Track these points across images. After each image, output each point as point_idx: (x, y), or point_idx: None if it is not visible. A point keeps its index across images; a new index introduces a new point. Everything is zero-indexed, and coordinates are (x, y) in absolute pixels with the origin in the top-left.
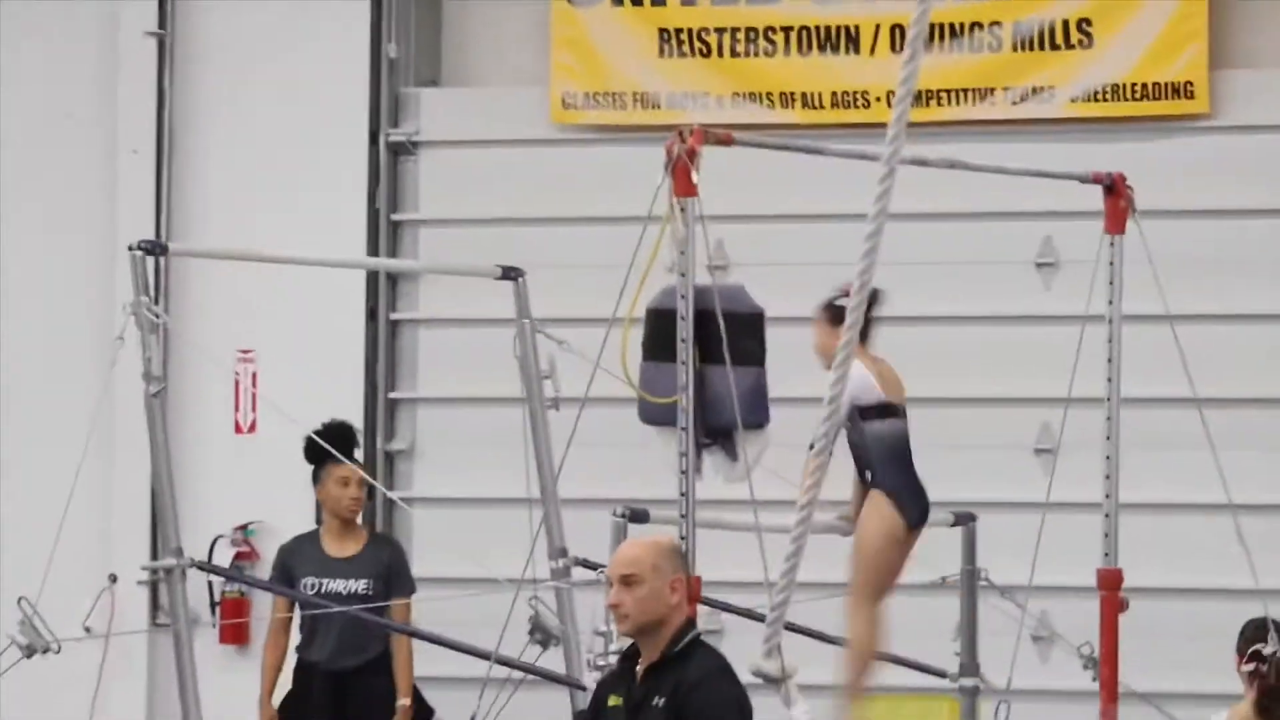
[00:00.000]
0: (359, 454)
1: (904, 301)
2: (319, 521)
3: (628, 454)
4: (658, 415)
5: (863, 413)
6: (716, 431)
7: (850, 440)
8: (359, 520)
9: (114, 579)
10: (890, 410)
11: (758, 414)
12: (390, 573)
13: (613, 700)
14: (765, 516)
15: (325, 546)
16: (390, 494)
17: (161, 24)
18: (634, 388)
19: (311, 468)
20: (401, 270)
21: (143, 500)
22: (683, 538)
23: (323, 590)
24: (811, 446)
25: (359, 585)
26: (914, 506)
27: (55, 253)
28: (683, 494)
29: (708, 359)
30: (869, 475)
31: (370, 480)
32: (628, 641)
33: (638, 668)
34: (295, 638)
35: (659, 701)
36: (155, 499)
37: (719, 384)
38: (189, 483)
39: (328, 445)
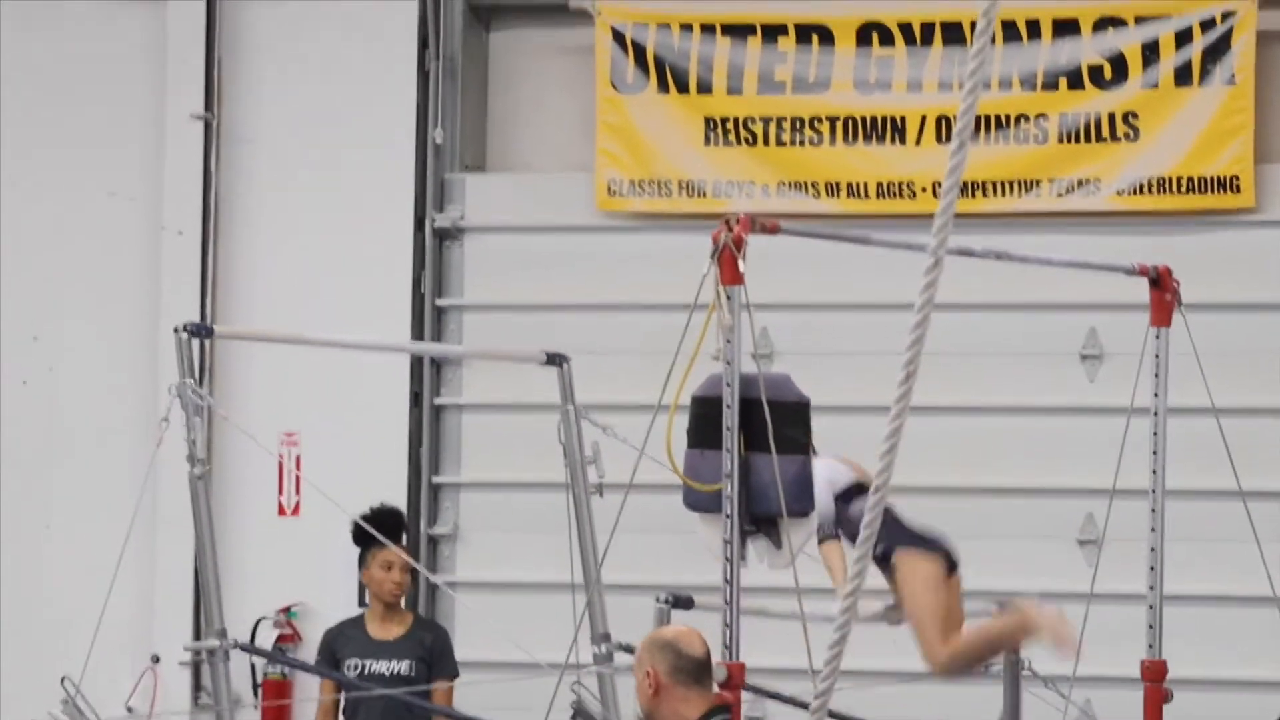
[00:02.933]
0: (405, 539)
1: (948, 392)
2: (363, 604)
3: (671, 540)
4: (702, 502)
5: (844, 497)
6: (761, 519)
7: (847, 535)
8: (403, 604)
9: (156, 659)
10: (864, 488)
11: (802, 502)
12: (433, 656)
13: None
14: (809, 604)
15: (369, 629)
16: (433, 578)
17: (208, 107)
18: (679, 474)
19: (359, 551)
20: (446, 355)
21: (186, 581)
22: (727, 625)
23: (366, 671)
24: (821, 539)
25: (401, 667)
26: (937, 548)
27: (100, 332)
28: (727, 580)
29: (752, 447)
30: (883, 553)
31: (413, 563)
32: None
33: None
34: None
35: None
36: (199, 579)
37: (763, 472)
38: (232, 564)
39: (372, 530)
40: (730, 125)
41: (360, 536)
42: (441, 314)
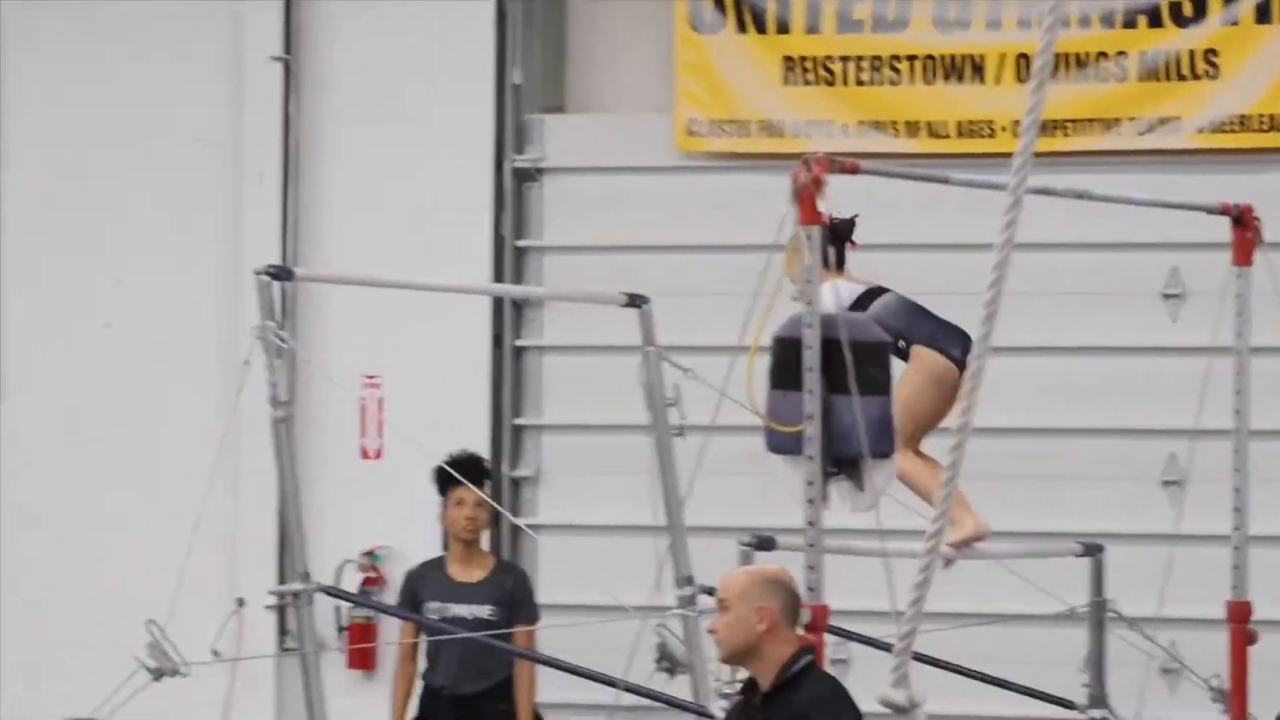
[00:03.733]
0: (488, 488)
1: (1030, 332)
2: (446, 548)
3: (754, 482)
4: (784, 443)
5: (859, 305)
6: (843, 460)
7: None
8: (484, 546)
9: (241, 603)
10: (877, 290)
11: (884, 443)
12: (514, 599)
13: None
14: (892, 545)
15: (451, 572)
16: (516, 520)
17: (287, 49)
18: (760, 416)
19: (440, 497)
20: (526, 297)
21: (270, 525)
22: (809, 567)
23: (446, 615)
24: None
25: (483, 611)
26: (954, 343)
27: (181, 277)
28: (809, 523)
29: (834, 388)
30: (901, 346)
31: (494, 505)
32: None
33: (755, 698)
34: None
35: None
36: (282, 524)
37: (845, 413)
38: (316, 508)
39: (452, 470)
40: (809, 64)
41: (440, 481)
42: (521, 255)
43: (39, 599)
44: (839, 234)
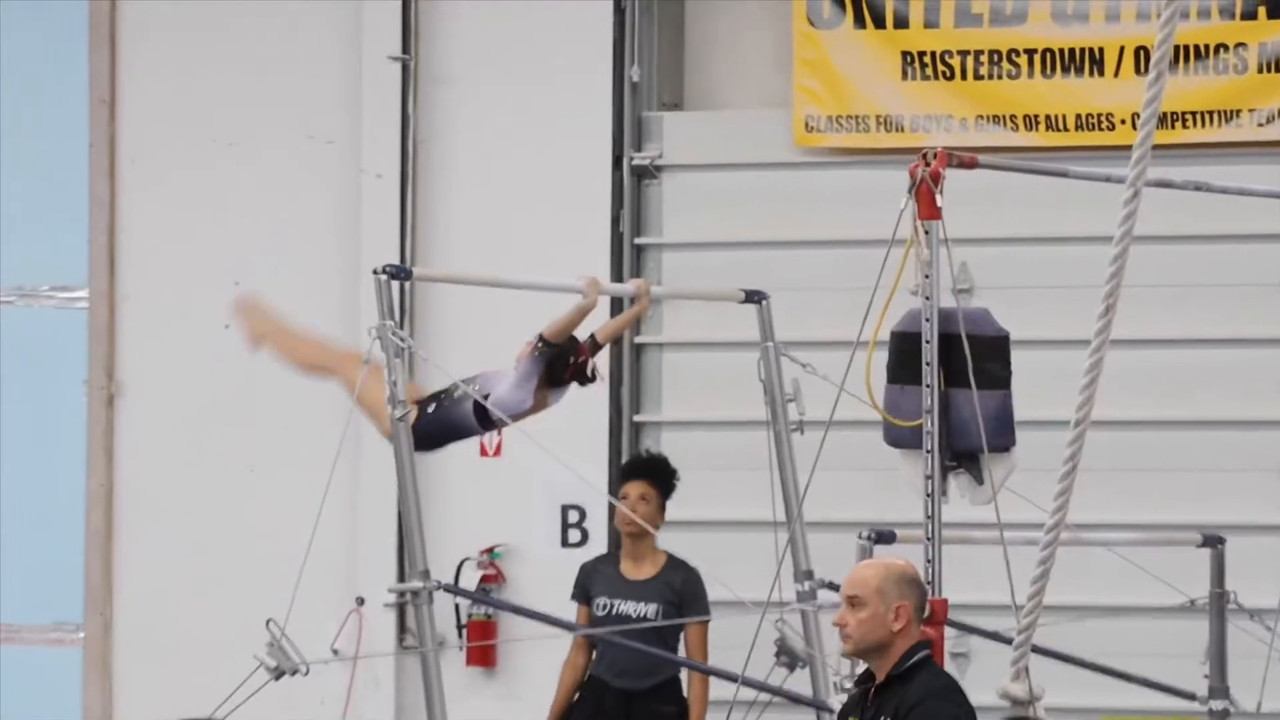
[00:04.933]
0: (666, 493)
1: (1149, 324)
2: (565, 544)
3: (873, 477)
4: (903, 438)
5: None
6: (962, 454)
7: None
8: (656, 544)
9: (361, 601)
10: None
11: (1003, 437)
12: (683, 599)
13: None
14: (1011, 538)
15: (622, 567)
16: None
17: (405, 49)
18: (879, 410)
19: None
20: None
21: (389, 523)
22: (928, 560)
23: (614, 611)
24: None
25: (649, 609)
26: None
27: (299, 275)
28: (928, 516)
29: (953, 382)
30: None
31: (617, 503)
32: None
33: (871, 689)
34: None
35: None
36: (402, 522)
37: (964, 407)
38: (435, 506)
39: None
40: (927, 59)
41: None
42: (640, 252)
43: (158, 598)
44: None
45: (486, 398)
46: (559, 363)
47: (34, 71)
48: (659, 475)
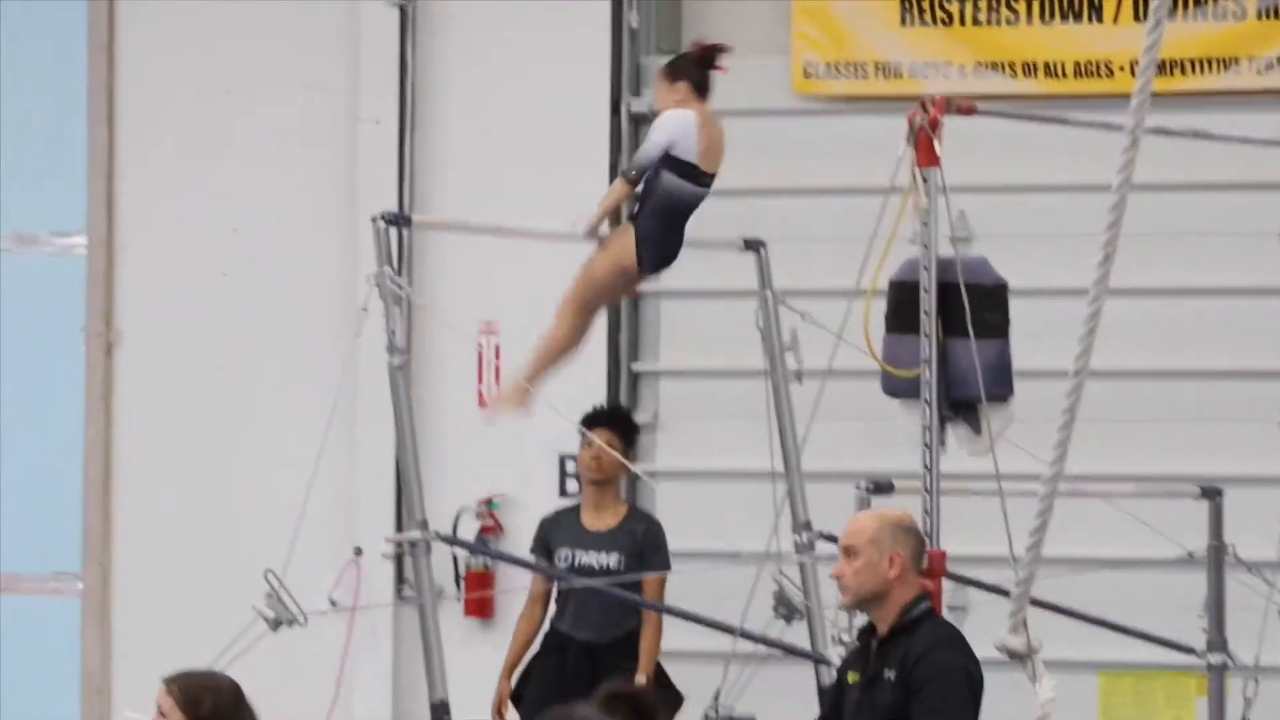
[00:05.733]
0: (628, 439)
1: (1147, 273)
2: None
3: (870, 426)
4: (901, 388)
5: (667, 161)
6: (960, 404)
7: (645, 181)
8: (620, 494)
9: (359, 552)
10: (692, 173)
11: (1001, 386)
12: (644, 549)
13: (852, 676)
14: (1009, 488)
15: (583, 518)
16: (633, 466)
17: None
18: (877, 360)
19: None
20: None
21: (387, 473)
22: (926, 512)
23: (576, 563)
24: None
25: (610, 560)
26: (653, 255)
27: (297, 223)
28: (926, 467)
29: (951, 331)
30: (634, 211)
31: (608, 450)
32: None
33: (873, 642)
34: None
35: (890, 675)
36: (399, 472)
37: (962, 356)
38: (432, 456)
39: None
40: (926, 5)
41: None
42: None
43: (156, 548)
44: (708, 61)
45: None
46: (687, 66)
47: (32, 18)
48: (623, 425)
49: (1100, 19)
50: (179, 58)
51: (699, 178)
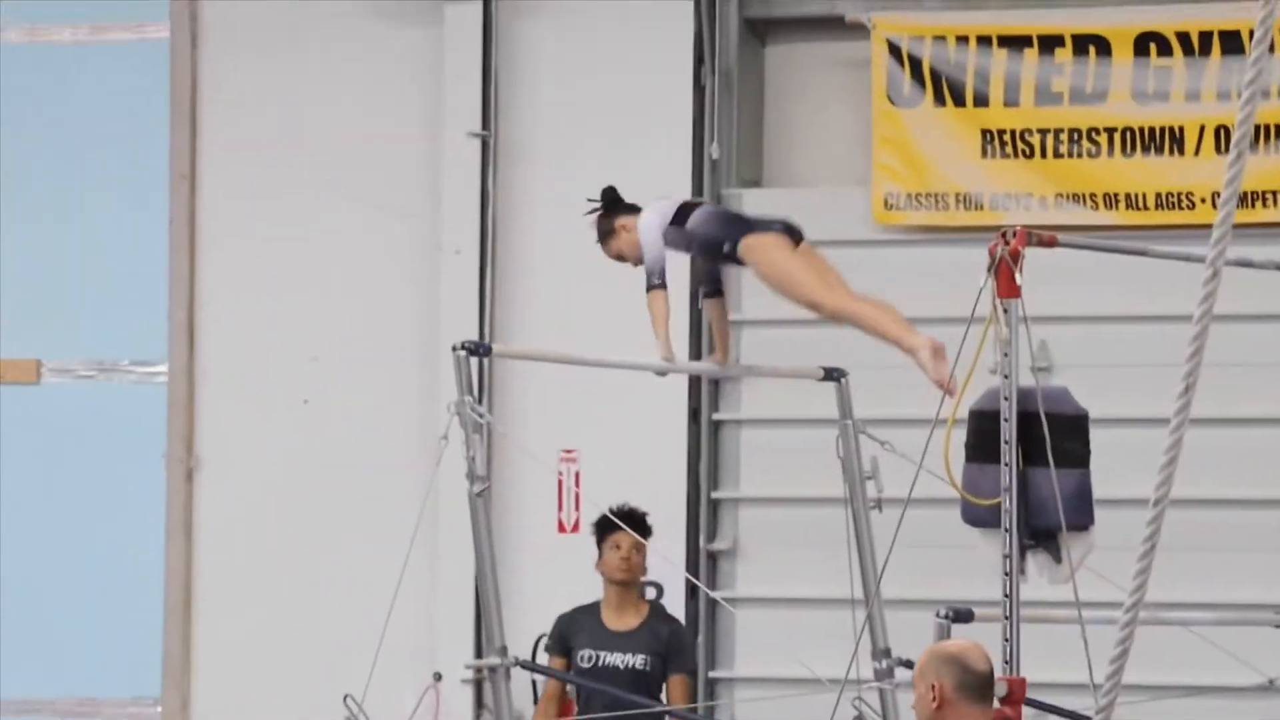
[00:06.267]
0: (654, 542)
1: (1228, 404)
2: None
3: (951, 554)
4: (981, 516)
5: (677, 220)
6: (1040, 533)
7: (692, 245)
8: (640, 594)
9: (438, 677)
10: (692, 205)
11: (1082, 516)
12: (669, 650)
13: None
14: (1089, 616)
15: (604, 618)
16: (713, 594)
17: (485, 124)
18: (957, 489)
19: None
20: (723, 374)
21: (467, 598)
22: (1006, 639)
23: (600, 663)
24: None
25: (636, 660)
26: (772, 225)
27: (377, 351)
28: (1006, 595)
29: (1031, 460)
30: (725, 250)
31: (640, 541)
32: None
33: None
34: None
35: None
36: (479, 598)
37: (1043, 485)
38: (512, 581)
39: (612, 517)
40: (1007, 137)
41: (598, 530)
42: None
43: (235, 673)
44: (610, 196)
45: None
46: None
47: (115, 147)
48: (644, 527)
49: (1182, 151)
50: (260, 187)
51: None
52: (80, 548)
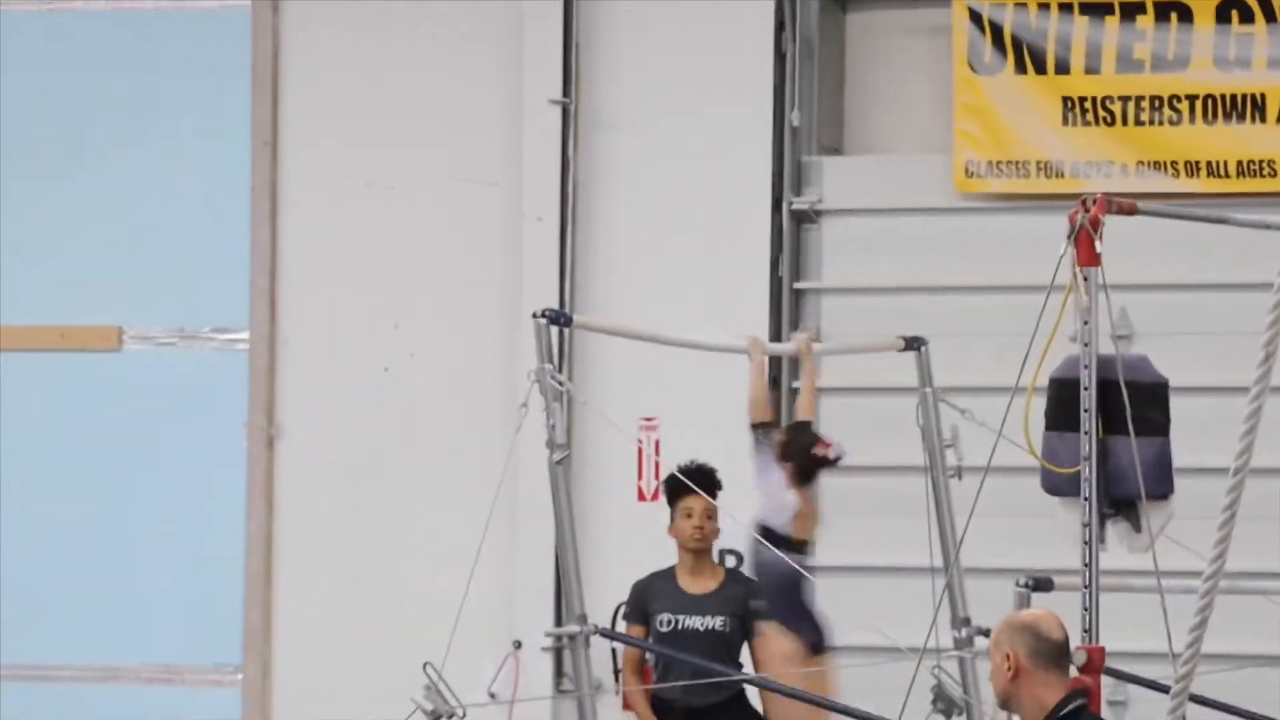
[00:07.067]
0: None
1: None
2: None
3: (1030, 523)
4: (1061, 485)
5: (765, 533)
6: (1120, 502)
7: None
8: (720, 560)
9: (518, 645)
10: (789, 544)
11: (1162, 484)
12: (746, 610)
13: None
14: (1169, 585)
15: (681, 583)
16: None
17: (565, 92)
18: (1037, 457)
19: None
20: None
21: (547, 566)
22: (1085, 608)
23: (679, 627)
24: None
25: (715, 622)
26: (807, 630)
27: (460, 319)
28: (1086, 564)
29: (1111, 429)
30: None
31: (711, 502)
32: None
33: None
34: None
35: None
36: (559, 566)
37: (1122, 454)
38: (592, 549)
39: (683, 478)
40: (1088, 105)
41: (669, 492)
42: (799, 297)
43: (316, 640)
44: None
45: (761, 529)
46: (800, 455)
47: (197, 115)
48: (715, 484)
49: (1264, 119)
50: (342, 154)
51: (795, 547)
52: (161, 516)
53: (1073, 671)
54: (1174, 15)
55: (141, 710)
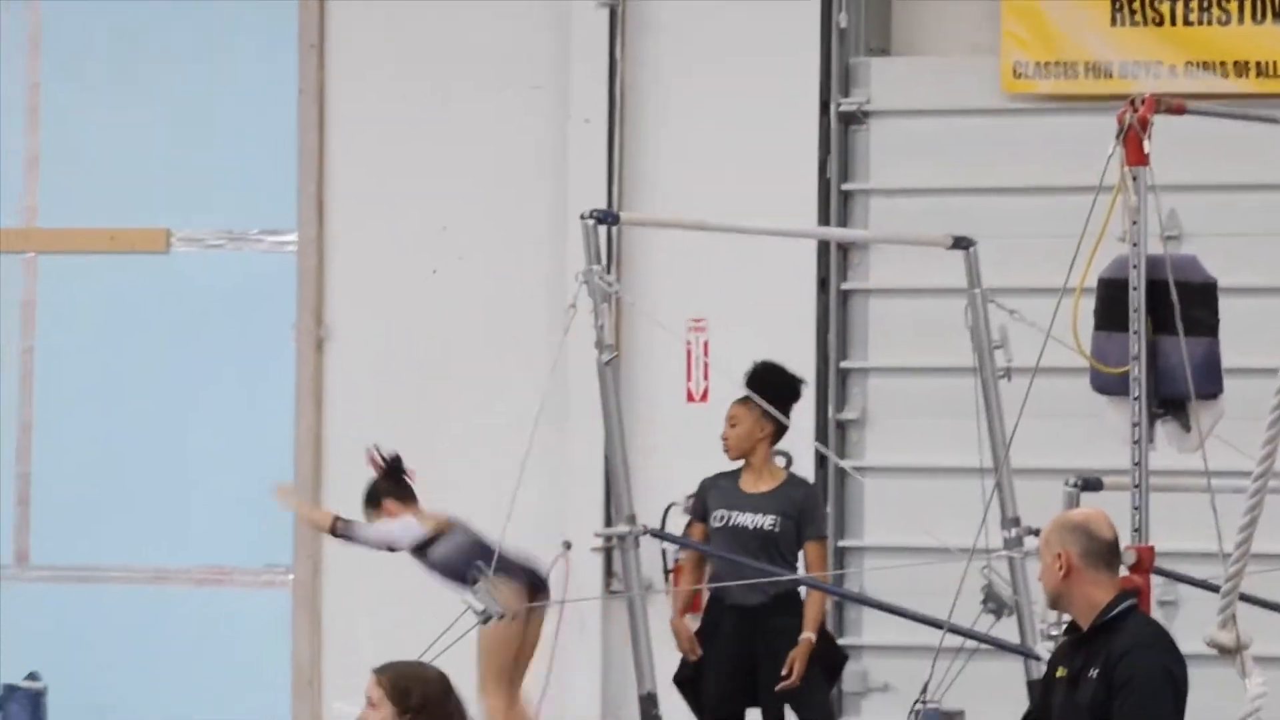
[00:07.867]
0: (798, 411)
1: None
2: None
3: (1079, 423)
4: (1110, 385)
5: (419, 551)
6: (1169, 401)
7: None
8: (785, 465)
9: (568, 546)
10: (433, 539)
11: (1211, 384)
12: (801, 513)
13: (1060, 671)
14: (1218, 484)
15: (741, 482)
16: (841, 463)
17: None
18: (1086, 357)
19: None
20: (852, 240)
21: (596, 468)
22: (1135, 508)
23: (730, 523)
24: None
25: (766, 521)
26: (520, 575)
27: (507, 220)
28: (1135, 464)
29: (1160, 329)
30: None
31: (773, 412)
32: None
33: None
34: None
35: (1092, 673)
36: (609, 467)
37: (1171, 354)
38: (641, 450)
39: (749, 392)
40: (1137, 5)
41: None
42: (847, 199)
43: None
44: (394, 470)
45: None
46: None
47: (243, 20)
48: (762, 389)
49: None
50: (389, 58)
51: (441, 533)
52: (210, 418)
53: (1123, 571)
54: None
55: (193, 611)
